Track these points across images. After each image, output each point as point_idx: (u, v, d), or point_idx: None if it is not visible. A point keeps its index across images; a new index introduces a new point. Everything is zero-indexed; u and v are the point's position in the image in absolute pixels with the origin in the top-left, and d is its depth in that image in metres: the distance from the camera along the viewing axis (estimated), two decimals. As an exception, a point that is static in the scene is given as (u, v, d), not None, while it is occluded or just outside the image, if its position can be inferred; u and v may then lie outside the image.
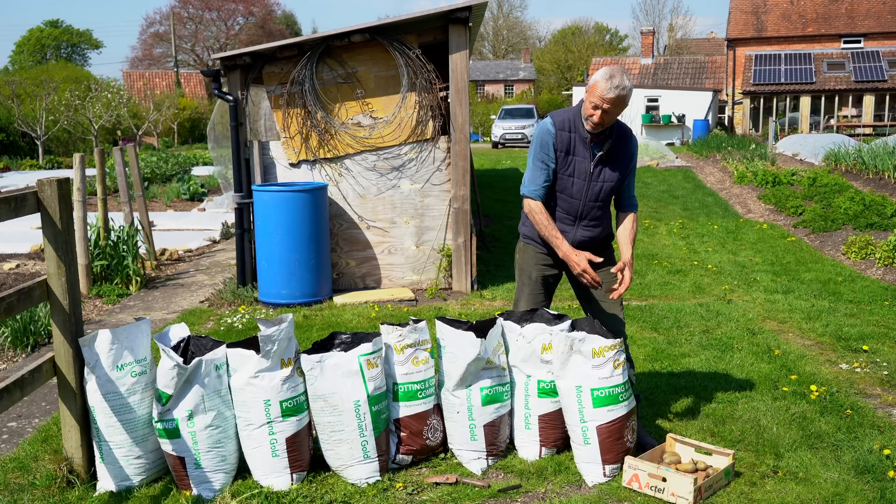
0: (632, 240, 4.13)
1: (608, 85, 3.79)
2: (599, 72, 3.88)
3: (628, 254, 4.08)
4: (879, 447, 4.02)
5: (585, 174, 4.02)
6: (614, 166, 4.04)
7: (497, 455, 4.02)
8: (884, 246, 8.55)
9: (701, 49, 54.06)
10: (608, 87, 3.79)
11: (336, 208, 7.65)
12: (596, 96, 3.83)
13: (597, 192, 4.05)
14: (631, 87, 3.87)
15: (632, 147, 4.10)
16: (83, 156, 7.90)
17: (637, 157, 4.14)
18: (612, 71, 3.83)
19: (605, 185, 4.05)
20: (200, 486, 3.70)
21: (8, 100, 29.92)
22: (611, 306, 4.17)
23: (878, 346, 5.74)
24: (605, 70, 3.87)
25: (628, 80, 3.85)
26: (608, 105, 3.82)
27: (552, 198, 4.10)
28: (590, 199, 4.06)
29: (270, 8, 60.63)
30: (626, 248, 4.10)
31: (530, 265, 4.22)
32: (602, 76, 3.84)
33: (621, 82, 3.80)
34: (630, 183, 4.17)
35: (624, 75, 3.84)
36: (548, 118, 4.06)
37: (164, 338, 3.82)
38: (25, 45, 62.66)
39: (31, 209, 3.56)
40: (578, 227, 4.11)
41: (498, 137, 32.69)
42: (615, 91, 3.79)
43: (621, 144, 4.05)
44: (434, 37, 7.50)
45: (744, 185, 15.52)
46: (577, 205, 4.07)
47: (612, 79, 3.79)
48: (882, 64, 33.20)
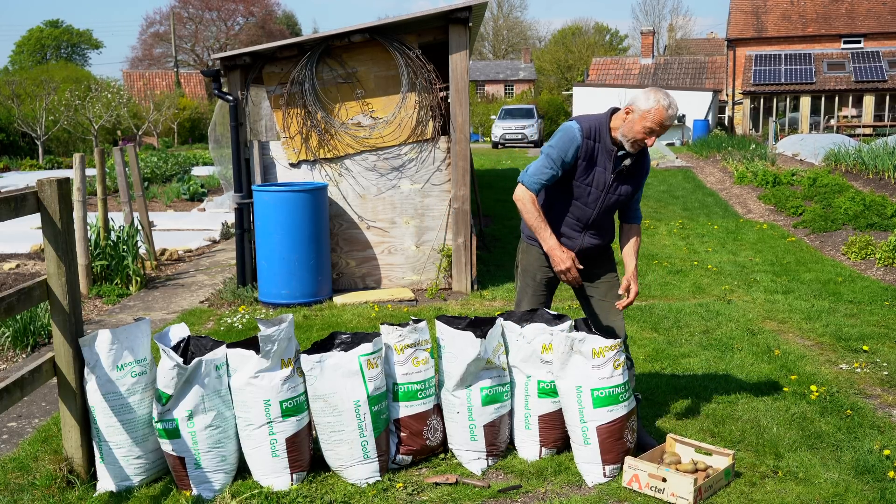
0: (636, 252, 4.20)
1: (669, 113, 3.80)
2: (652, 97, 3.82)
3: (632, 266, 4.12)
4: (879, 447, 4.02)
5: (604, 185, 3.99)
6: (631, 180, 4.05)
7: (497, 455, 4.02)
8: (884, 246, 8.55)
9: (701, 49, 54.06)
10: (669, 115, 3.81)
11: (336, 208, 7.65)
12: (655, 122, 3.79)
13: (612, 204, 4.05)
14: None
15: (648, 162, 4.15)
16: (83, 156, 7.90)
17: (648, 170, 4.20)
18: (669, 97, 3.83)
19: (621, 198, 4.05)
20: (200, 486, 3.70)
21: (8, 100, 29.92)
22: (610, 307, 4.17)
23: (878, 346, 5.74)
24: (661, 96, 3.81)
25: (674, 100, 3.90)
26: (661, 127, 3.84)
27: (565, 203, 4.04)
28: (603, 209, 4.05)
29: (270, 8, 60.64)
30: (630, 260, 4.16)
31: (534, 267, 4.21)
32: (662, 103, 3.80)
33: (676, 106, 3.88)
34: (637, 198, 4.19)
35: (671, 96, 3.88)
36: (575, 123, 3.97)
37: (164, 338, 3.82)
38: (25, 45, 62.65)
39: (31, 209, 3.56)
40: (586, 234, 4.10)
41: (498, 137, 32.69)
42: (674, 111, 3.85)
43: (641, 159, 4.08)
44: (434, 37, 7.50)
45: (744, 185, 15.52)
46: (589, 213, 4.04)
47: (671, 107, 3.81)
48: (882, 64, 33.20)
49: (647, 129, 3.82)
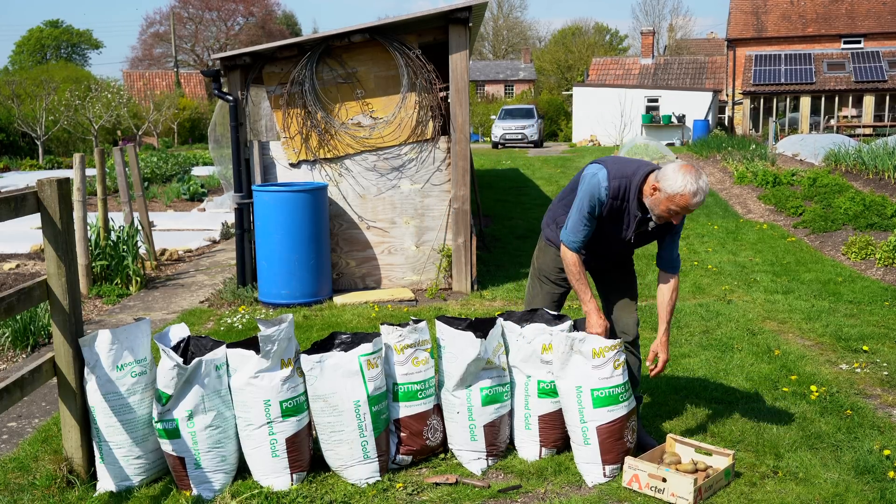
0: (668, 310, 3.98)
1: (695, 200, 3.58)
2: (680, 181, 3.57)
3: (662, 328, 3.97)
4: (879, 447, 4.02)
5: (624, 240, 3.92)
6: (655, 236, 3.96)
7: (497, 455, 4.02)
8: (884, 246, 8.55)
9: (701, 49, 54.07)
10: (695, 203, 3.59)
11: (336, 208, 7.65)
12: (679, 206, 3.61)
13: (631, 249, 4.02)
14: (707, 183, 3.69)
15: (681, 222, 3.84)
16: (83, 156, 7.91)
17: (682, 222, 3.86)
18: (697, 182, 3.57)
19: (641, 245, 4.01)
20: (200, 487, 3.70)
21: (8, 100, 29.93)
22: (626, 306, 4.14)
23: (878, 346, 5.74)
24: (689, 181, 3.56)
25: (704, 180, 3.63)
26: (686, 210, 3.65)
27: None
28: (620, 252, 4.03)
29: (270, 8, 60.66)
30: (662, 320, 3.98)
31: (549, 268, 4.19)
32: (689, 189, 3.56)
33: (706, 188, 3.61)
34: (673, 242, 3.96)
35: (701, 178, 3.60)
36: (603, 180, 3.76)
37: (164, 338, 3.82)
38: (25, 45, 62.65)
39: (31, 209, 3.56)
40: (603, 259, 4.09)
41: (498, 137, 32.70)
42: (702, 200, 3.62)
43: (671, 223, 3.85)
44: (434, 37, 7.50)
45: (744, 185, 15.52)
46: (605, 251, 4.01)
47: (698, 194, 3.57)
48: (882, 64, 33.21)
49: (672, 211, 3.65)
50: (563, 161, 23.11)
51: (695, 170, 3.64)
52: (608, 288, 4.20)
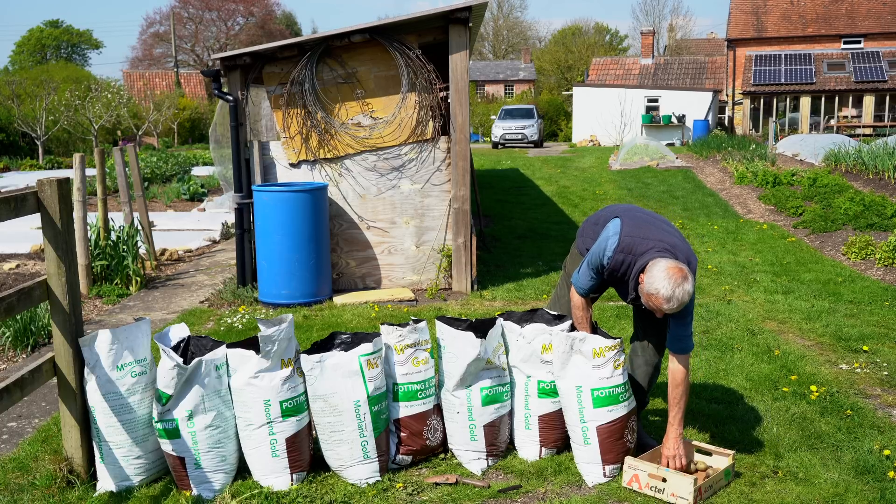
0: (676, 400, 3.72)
1: (669, 305, 3.49)
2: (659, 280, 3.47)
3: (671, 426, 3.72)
4: (879, 447, 4.02)
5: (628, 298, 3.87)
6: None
7: (497, 455, 4.02)
8: (884, 246, 8.55)
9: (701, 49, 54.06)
10: (670, 307, 3.50)
11: (336, 208, 7.65)
12: (653, 305, 3.54)
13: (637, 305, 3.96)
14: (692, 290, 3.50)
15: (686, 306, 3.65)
16: (83, 156, 7.91)
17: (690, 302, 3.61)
18: (674, 286, 3.45)
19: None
20: (200, 486, 3.70)
21: (8, 100, 29.92)
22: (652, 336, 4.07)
23: (878, 346, 5.74)
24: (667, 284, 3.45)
25: (689, 286, 3.48)
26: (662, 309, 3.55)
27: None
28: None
29: (270, 8, 60.65)
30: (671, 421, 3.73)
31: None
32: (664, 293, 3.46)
33: (683, 296, 3.47)
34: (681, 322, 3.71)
35: (684, 285, 3.46)
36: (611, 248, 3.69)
37: (164, 338, 3.82)
38: (25, 45, 62.65)
39: (31, 209, 3.56)
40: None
41: (498, 137, 32.68)
42: (676, 308, 3.51)
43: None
44: (434, 37, 7.50)
45: (744, 185, 15.52)
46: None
47: (673, 298, 3.46)
48: (882, 64, 33.21)
49: (650, 306, 3.59)
50: (563, 161, 23.11)
51: (682, 275, 3.48)
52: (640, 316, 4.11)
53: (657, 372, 4.17)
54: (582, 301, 3.94)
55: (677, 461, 3.69)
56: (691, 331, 3.76)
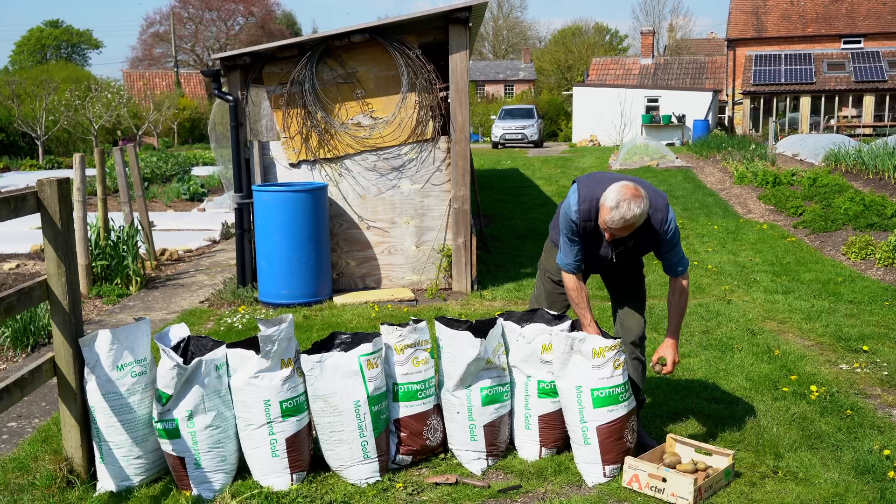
0: (676, 311, 3.96)
1: (611, 215, 3.55)
2: (609, 192, 3.56)
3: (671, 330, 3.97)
4: (879, 447, 4.02)
5: (607, 259, 3.93)
6: (638, 251, 3.93)
7: (497, 455, 4.02)
8: (884, 246, 8.55)
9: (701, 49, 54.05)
10: (611, 218, 3.56)
11: (336, 208, 7.65)
12: (602, 219, 3.62)
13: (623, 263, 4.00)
14: (640, 214, 3.55)
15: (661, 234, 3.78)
16: (83, 156, 7.90)
17: (671, 237, 3.79)
18: (620, 198, 3.52)
19: (631, 260, 4.00)
20: (200, 486, 3.70)
21: (8, 100, 29.92)
22: (630, 308, 4.13)
23: (878, 346, 5.74)
24: (614, 195, 3.54)
25: (638, 207, 3.53)
26: (614, 230, 3.63)
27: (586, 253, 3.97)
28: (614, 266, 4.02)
29: (270, 8, 60.64)
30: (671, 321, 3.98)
31: (553, 269, 4.21)
32: (609, 202, 3.54)
33: (627, 212, 3.52)
34: (669, 253, 3.87)
35: (632, 202, 3.52)
36: (574, 202, 3.78)
37: (164, 338, 3.82)
38: (25, 45, 62.66)
39: (31, 209, 3.56)
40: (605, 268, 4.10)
41: (498, 137, 32.69)
42: (618, 222, 3.56)
43: (644, 237, 3.81)
44: (434, 37, 7.50)
45: (744, 185, 15.52)
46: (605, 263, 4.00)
47: (617, 209, 3.52)
48: (882, 64, 33.21)
49: (601, 221, 3.66)
50: (563, 161, 23.11)
51: (632, 192, 3.54)
52: (615, 289, 4.21)
53: (643, 366, 4.17)
54: (575, 281, 3.96)
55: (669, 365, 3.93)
56: (681, 255, 3.90)
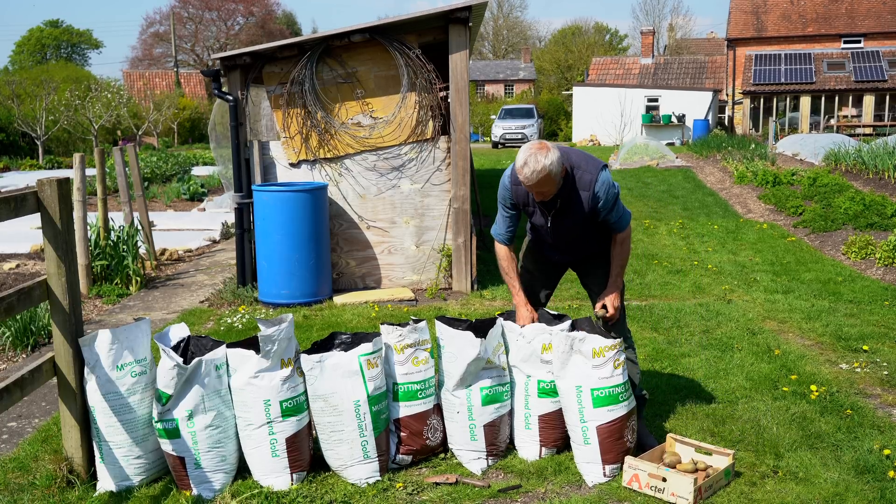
0: (616, 263, 4.07)
1: (523, 172, 3.68)
2: (519, 154, 3.73)
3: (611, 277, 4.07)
4: (879, 447, 4.02)
5: (547, 223, 4.03)
6: (573, 214, 3.97)
7: (497, 455, 4.02)
8: (884, 246, 8.55)
9: (701, 49, 54.04)
10: (524, 175, 3.69)
11: (336, 208, 7.65)
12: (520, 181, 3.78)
13: (564, 234, 4.07)
14: (549, 164, 3.64)
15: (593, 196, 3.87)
16: (83, 156, 7.90)
17: (605, 199, 3.87)
18: (527, 155, 3.67)
19: (570, 229, 4.04)
20: (200, 486, 3.70)
21: (8, 100, 29.91)
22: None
23: (878, 346, 5.74)
24: (522, 154, 3.70)
25: (545, 157, 3.65)
26: (532, 187, 3.75)
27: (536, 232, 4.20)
28: (559, 238, 4.11)
29: (270, 8, 60.62)
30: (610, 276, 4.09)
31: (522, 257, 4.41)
32: (518, 162, 3.70)
33: (535, 164, 3.64)
34: (609, 216, 3.96)
35: (538, 154, 3.65)
36: (508, 170, 3.98)
37: (164, 338, 3.82)
38: (25, 45, 62.65)
39: (31, 209, 3.56)
40: (566, 253, 4.23)
41: (498, 137, 32.69)
42: (532, 177, 3.68)
43: (575, 196, 3.89)
44: (434, 37, 7.50)
45: (744, 185, 15.52)
46: (549, 240, 4.15)
47: (526, 164, 3.67)
48: (882, 64, 33.20)
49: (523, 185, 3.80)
50: (563, 161, 23.07)
51: (538, 148, 3.69)
52: (587, 279, 4.34)
53: (633, 362, 4.21)
54: (505, 251, 4.15)
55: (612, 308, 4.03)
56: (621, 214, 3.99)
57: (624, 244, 4.07)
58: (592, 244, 4.16)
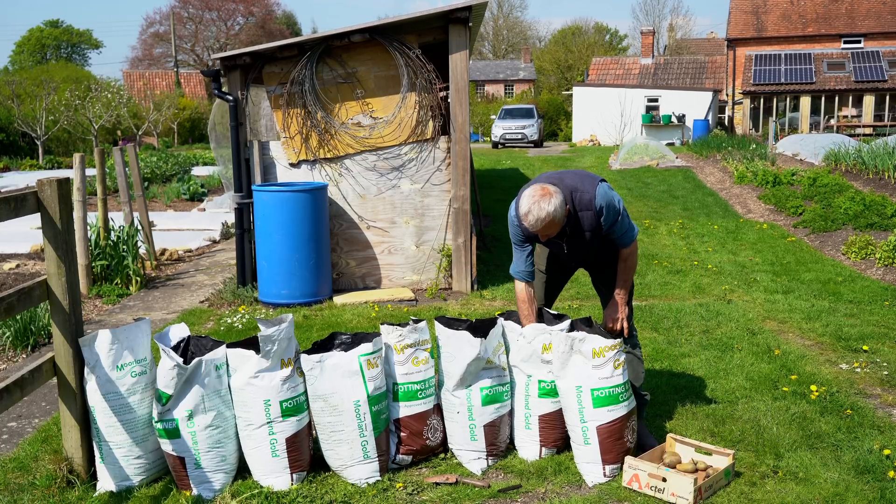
0: (622, 277, 4.07)
1: (528, 221, 3.73)
2: (522, 201, 3.76)
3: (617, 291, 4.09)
4: (879, 447, 4.02)
5: (561, 253, 4.08)
6: (583, 235, 3.97)
7: (497, 455, 4.02)
8: (884, 246, 8.55)
9: (701, 49, 54.03)
10: (530, 224, 3.74)
11: (336, 208, 7.65)
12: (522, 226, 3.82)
13: (579, 251, 4.09)
14: (553, 210, 3.68)
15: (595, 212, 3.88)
16: (83, 156, 7.90)
17: (606, 210, 3.87)
18: (530, 203, 3.71)
19: (585, 246, 4.05)
20: (200, 486, 3.70)
21: (8, 100, 29.91)
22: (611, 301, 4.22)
23: (878, 346, 5.74)
24: (525, 202, 3.73)
25: (549, 204, 3.68)
26: (540, 231, 3.78)
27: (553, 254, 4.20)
28: (578, 256, 4.15)
29: (270, 8, 60.62)
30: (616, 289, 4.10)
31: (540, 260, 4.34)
32: (522, 210, 3.74)
33: (540, 213, 3.69)
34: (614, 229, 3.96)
35: (541, 202, 3.68)
36: (514, 206, 3.93)
37: (164, 338, 3.82)
38: (25, 45, 62.65)
39: (31, 209, 3.56)
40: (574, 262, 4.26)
41: (498, 137, 32.68)
42: (538, 225, 3.73)
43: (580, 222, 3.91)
44: (434, 37, 7.50)
45: (744, 185, 15.52)
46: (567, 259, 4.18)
47: (530, 213, 3.71)
48: (882, 64, 33.20)
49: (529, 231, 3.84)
50: (563, 161, 23.12)
51: (541, 193, 3.70)
52: (598, 282, 4.35)
53: (639, 360, 4.21)
54: (524, 291, 4.07)
55: (619, 323, 4.05)
56: (626, 229, 3.97)
57: (628, 260, 4.06)
58: (607, 251, 4.16)
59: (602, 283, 4.29)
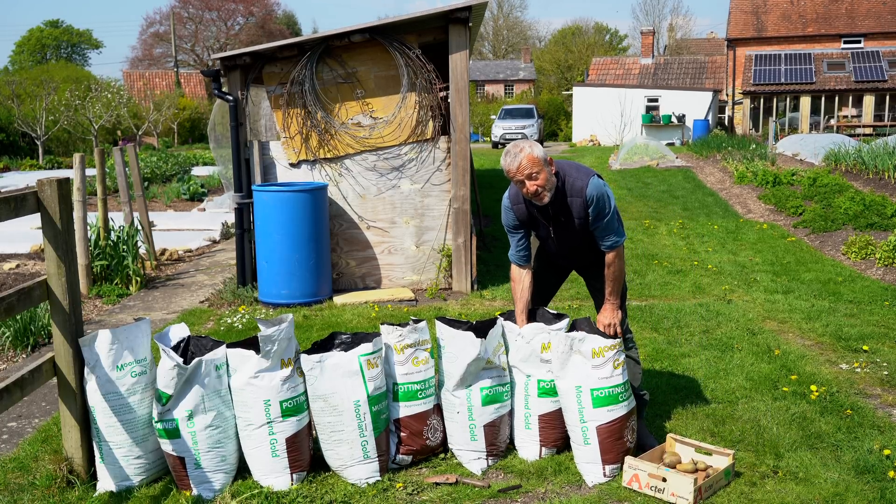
0: (609, 283, 4.04)
1: (509, 162, 3.84)
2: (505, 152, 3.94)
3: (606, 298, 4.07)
4: (879, 447, 4.02)
5: (551, 234, 4.09)
6: (571, 223, 4.00)
7: (497, 455, 4.02)
8: (884, 246, 8.55)
9: (701, 49, 54.03)
10: (511, 165, 3.84)
11: (336, 208, 7.65)
12: (510, 176, 3.89)
13: (566, 242, 4.11)
14: (529, 148, 3.83)
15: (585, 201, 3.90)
16: (83, 156, 7.91)
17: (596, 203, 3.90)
18: (510, 148, 3.89)
19: (571, 238, 4.07)
20: (200, 486, 3.70)
21: (8, 100, 29.91)
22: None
23: (878, 346, 5.74)
24: (504, 153, 3.91)
25: (527, 146, 3.85)
26: (522, 176, 3.82)
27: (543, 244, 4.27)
28: (562, 247, 4.15)
29: (270, 8, 60.61)
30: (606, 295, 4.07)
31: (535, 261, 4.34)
32: (503, 159, 3.91)
33: (519, 153, 3.83)
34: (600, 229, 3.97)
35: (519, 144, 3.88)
36: (504, 196, 4.14)
37: (164, 338, 3.82)
38: (25, 45, 62.64)
39: (31, 209, 3.56)
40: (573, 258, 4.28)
41: (498, 137, 32.68)
42: (515, 162, 3.82)
43: (570, 202, 3.94)
44: (434, 37, 7.50)
45: (744, 185, 15.52)
46: (561, 251, 4.19)
47: (509, 154, 3.85)
48: (882, 64, 33.19)
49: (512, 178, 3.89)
50: (563, 161, 23.05)
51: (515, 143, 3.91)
52: (592, 288, 4.35)
53: (635, 361, 4.21)
54: (516, 273, 4.18)
55: (612, 329, 4.02)
56: (613, 231, 3.99)
57: (612, 267, 4.02)
58: (597, 253, 4.15)
59: (596, 288, 4.29)
